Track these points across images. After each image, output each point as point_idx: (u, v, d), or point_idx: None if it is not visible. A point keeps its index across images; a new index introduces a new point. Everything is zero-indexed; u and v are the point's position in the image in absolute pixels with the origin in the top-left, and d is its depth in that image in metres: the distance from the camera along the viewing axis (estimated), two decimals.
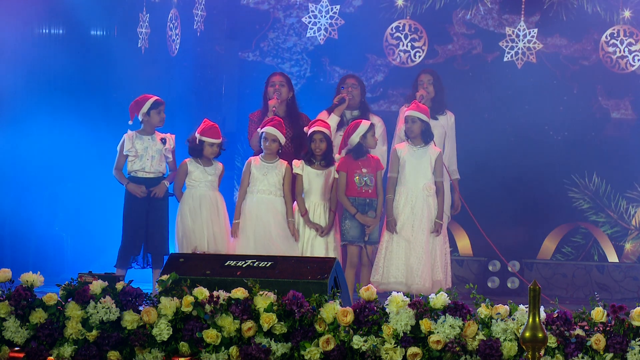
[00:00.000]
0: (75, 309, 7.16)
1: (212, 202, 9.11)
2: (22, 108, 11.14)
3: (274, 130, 9.07)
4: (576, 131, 11.28)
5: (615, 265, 11.02)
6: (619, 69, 11.01)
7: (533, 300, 5.01)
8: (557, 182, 11.27)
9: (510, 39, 10.95)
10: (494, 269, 10.80)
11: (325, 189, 9.10)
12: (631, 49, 10.95)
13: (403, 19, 11.16)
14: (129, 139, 9.20)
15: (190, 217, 9.07)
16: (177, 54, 11.18)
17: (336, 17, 11.02)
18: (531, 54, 10.95)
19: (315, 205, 9.10)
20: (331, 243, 9.08)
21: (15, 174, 11.09)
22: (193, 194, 9.13)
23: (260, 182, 9.09)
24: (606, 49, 11.01)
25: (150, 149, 9.19)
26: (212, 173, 9.16)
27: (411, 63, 11.07)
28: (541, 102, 11.23)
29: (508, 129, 11.33)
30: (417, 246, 8.99)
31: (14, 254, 10.82)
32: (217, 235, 9.06)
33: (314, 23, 11.07)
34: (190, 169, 9.15)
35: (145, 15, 10.98)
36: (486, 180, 11.03)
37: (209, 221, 9.06)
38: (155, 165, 9.21)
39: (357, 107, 9.79)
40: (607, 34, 10.97)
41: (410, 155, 9.14)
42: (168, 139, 9.27)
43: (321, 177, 9.10)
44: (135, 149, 9.16)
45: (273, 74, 9.78)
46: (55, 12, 11.34)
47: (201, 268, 7.44)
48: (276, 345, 6.93)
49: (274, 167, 9.12)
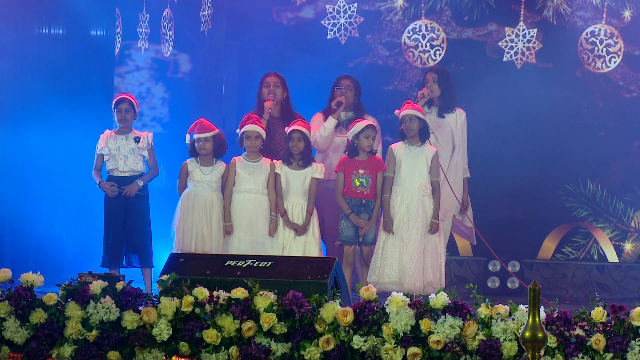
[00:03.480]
0: (75, 309, 7.16)
1: (205, 203, 9.07)
2: (22, 108, 11.14)
3: (255, 127, 9.07)
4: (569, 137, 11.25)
5: (615, 265, 11.02)
6: (594, 68, 11.01)
7: (533, 300, 5.01)
8: (552, 192, 11.24)
9: (509, 39, 10.94)
10: (494, 269, 10.80)
11: (303, 189, 9.11)
12: (609, 50, 10.95)
13: (419, 20, 11.19)
14: (102, 139, 9.21)
15: (182, 216, 9.08)
16: (171, 54, 11.19)
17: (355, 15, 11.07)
18: (530, 54, 10.94)
19: (294, 205, 9.11)
20: (310, 242, 9.08)
21: (15, 174, 11.09)
22: (189, 193, 9.13)
23: (247, 182, 9.09)
24: (585, 45, 11.01)
25: (122, 149, 9.17)
26: (209, 173, 9.13)
27: (432, 62, 11.10)
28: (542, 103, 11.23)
29: (508, 129, 11.32)
30: (410, 246, 8.99)
31: (14, 254, 10.82)
32: (205, 236, 9.03)
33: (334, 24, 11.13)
34: (190, 169, 9.15)
35: (145, 15, 10.99)
36: (486, 180, 11.01)
37: (198, 222, 9.04)
38: (130, 164, 9.17)
39: (351, 108, 9.79)
40: (588, 31, 10.96)
41: (406, 155, 9.14)
42: (142, 138, 9.22)
43: (299, 177, 9.11)
44: (108, 148, 9.17)
45: (267, 75, 9.76)
46: (55, 12, 11.34)
47: (201, 268, 7.44)
48: (276, 345, 6.93)
49: (259, 165, 9.12)
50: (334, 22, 11.33)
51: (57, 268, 10.95)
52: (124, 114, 9.21)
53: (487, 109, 11.15)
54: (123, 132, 9.23)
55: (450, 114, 9.68)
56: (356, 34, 11.36)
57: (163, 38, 11.26)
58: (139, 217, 9.18)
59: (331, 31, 11.37)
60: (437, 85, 9.73)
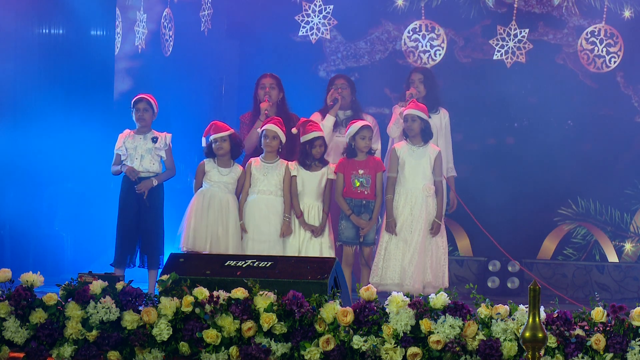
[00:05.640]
0: (75, 309, 7.16)
1: (221, 204, 9.07)
2: (21, 108, 11.14)
3: (274, 127, 9.09)
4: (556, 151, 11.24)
5: (615, 265, 11.02)
6: (595, 68, 11.01)
7: (533, 300, 5.01)
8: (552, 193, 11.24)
9: (500, 38, 10.95)
10: (494, 269, 10.80)
11: (318, 191, 9.12)
12: (609, 50, 10.96)
13: (419, 20, 11.19)
14: (121, 138, 9.20)
15: (196, 216, 9.06)
16: (172, 54, 11.20)
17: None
18: (521, 53, 10.95)
19: (310, 207, 9.12)
20: (325, 243, 9.10)
21: (15, 174, 11.09)
22: (205, 193, 9.12)
23: (261, 183, 9.10)
24: (585, 46, 11.01)
25: (139, 148, 9.16)
26: (227, 174, 9.14)
27: (432, 62, 11.11)
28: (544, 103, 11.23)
29: (509, 130, 11.32)
30: (412, 247, 9.00)
31: (14, 254, 10.82)
32: (220, 237, 9.03)
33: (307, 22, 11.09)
34: (207, 169, 9.15)
35: (142, 15, 11.00)
36: (486, 180, 11.02)
37: (214, 222, 9.04)
38: (146, 164, 9.16)
39: (349, 107, 9.81)
40: (588, 31, 10.97)
41: (409, 155, 9.14)
42: (160, 138, 9.22)
43: (315, 178, 9.12)
44: (125, 148, 9.15)
45: (263, 76, 9.76)
46: (55, 12, 11.34)
47: (201, 268, 7.44)
48: (276, 345, 6.93)
49: (274, 167, 9.13)
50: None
51: (57, 268, 10.94)
52: (142, 113, 9.21)
53: (487, 109, 11.15)
54: (142, 132, 9.22)
55: (435, 114, 9.69)
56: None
57: (163, 38, 11.26)
58: (154, 217, 9.16)
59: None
60: (423, 85, 9.76)
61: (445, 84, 10.50)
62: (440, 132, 9.70)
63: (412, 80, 9.79)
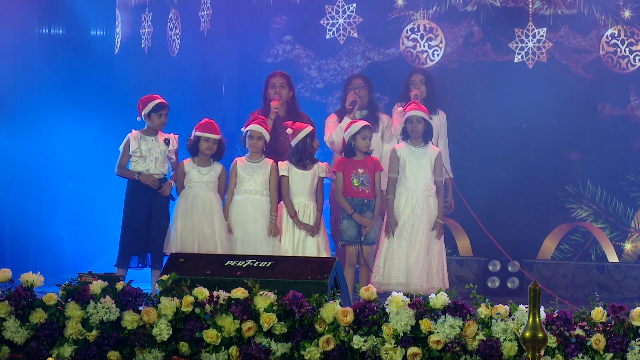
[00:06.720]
0: (75, 309, 7.16)
1: (204, 204, 9.06)
2: (21, 108, 11.15)
3: (259, 127, 9.08)
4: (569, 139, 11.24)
5: (615, 265, 11.02)
6: (619, 69, 11.01)
7: (533, 300, 5.01)
8: (552, 193, 11.23)
9: (519, 40, 10.95)
10: (494, 269, 10.80)
11: (312, 189, 9.12)
12: (632, 49, 10.96)
13: (417, 20, 11.19)
14: (134, 139, 9.11)
15: (181, 218, 9.04)
16: (178, 54, 11.20)
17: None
18: (541, 53, 10.95)
19: (304, 206, 9.12)
20: (322, 242, 9.11)
21: (15, 174, 11.10)
22: (187, 194, 9.10)
23: (247, 182, 9.09)
24: (607, 48, 11.01)
25: (154, 150, 9.13)
26: (207, 173, 9.12)
27: (430, 62, 11.10)
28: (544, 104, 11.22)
29: (509, 130, 11.32)
30: (417, 247, 8.99)
31: (14, 254, 10.83)
32: (207, 236, 9.01)
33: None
34: (187, 169, 9.12)
35: (147, 15, 11.00)
36: (486, 180, 11.01)
37: (199, 223, 9.02)
38: (159, 166, 9.15)
39: (365, 107, 9.80)
40: (607, 33, 10.97)
41: (410, 156, 9.14)
42: (172, 140, 9.20)
43: (307, 177, 9.12)
44: (140, 149, 9.11)
45: (273, 75, 9.75)
46: (55, 12, 11.35)
47: (201, 268, 7.44)
48: (276, 345, 6.93)
49: (260, 166, 9.12)
50: (333, 22, 11.31)
51: (57, 268, 10.96)
52: (165, 119, 9.19)
53: (486, 109, 11.15)
54: (151, 134, 9.18)
55: (434, 115, 9.70)
56: (355, 34, 11.34)
57: (170, 38, 11.25)
58: (163, 217, 9.14)
59: (330, 31, 11.35)
60: (424, 86, 9.76)
61: (443, 84, 10.50)
62: (439, 133, 9.71)
63: (413, 82, 9.78)
